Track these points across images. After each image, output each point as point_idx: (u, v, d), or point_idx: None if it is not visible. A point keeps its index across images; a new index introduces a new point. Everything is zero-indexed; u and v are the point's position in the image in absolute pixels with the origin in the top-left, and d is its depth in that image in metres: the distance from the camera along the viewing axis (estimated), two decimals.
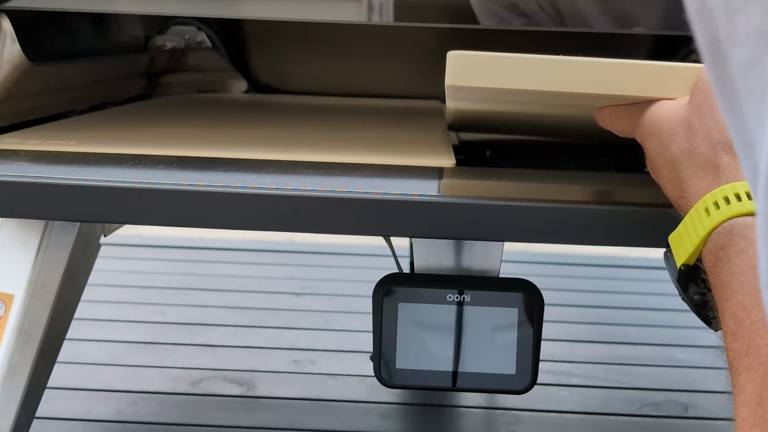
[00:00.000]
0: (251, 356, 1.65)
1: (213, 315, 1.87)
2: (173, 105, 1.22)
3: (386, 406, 1.44)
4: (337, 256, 2.36)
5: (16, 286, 0.80)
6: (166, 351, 1.66)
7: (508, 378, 0.73)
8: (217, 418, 1.39)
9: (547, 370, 1.56)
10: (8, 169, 0.65)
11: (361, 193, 0.62)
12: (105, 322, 1.80)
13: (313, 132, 0.96)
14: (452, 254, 0.77)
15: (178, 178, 0.64)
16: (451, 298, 0.73)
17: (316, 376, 1.56)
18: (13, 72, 0.83)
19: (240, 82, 1.42)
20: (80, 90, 1.05)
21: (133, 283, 2.07)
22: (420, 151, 0.82)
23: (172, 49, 1.35)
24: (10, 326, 0.80)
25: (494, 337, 0.73)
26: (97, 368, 1.58)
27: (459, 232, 0.63)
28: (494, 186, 0.66)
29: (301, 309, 1.93)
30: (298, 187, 0.63)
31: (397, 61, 1.41)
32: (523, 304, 0.72)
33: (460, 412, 1.44)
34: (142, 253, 2.34)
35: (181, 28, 1.37)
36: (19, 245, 0.80)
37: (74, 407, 1.42)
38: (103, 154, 0.73)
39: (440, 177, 0.69)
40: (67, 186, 0.63)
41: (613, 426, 1.41)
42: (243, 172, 0.68)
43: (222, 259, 2.31)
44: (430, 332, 0.73)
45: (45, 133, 0.84)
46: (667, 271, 0.60)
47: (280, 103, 1.31)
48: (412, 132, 0.97)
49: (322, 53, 1.41)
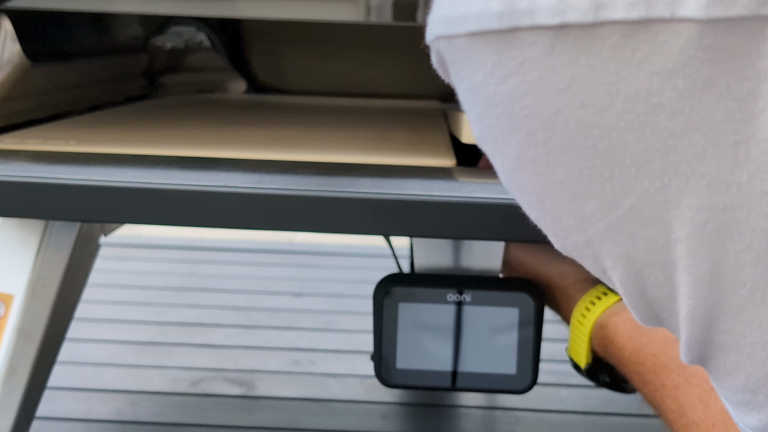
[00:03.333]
0: (251, 356, 1.65)
1: (213, 315, 1.87)
2: (173, 105, 1.22)
3: (386, 406, 1.44)
4: (337, 256, 2.36)
5: (16, 286, 0.80)
6: (166, 351, 1.66)
7: (508, 378, 0.73)
8: (216, 418, 1.39)
9: (548, 370, 1.56)
10: (8, 169, 0.65)
11: (361, 193, 0.62)
12: (105, 322, 1.80)
13: (313, 132, 0.95)
14: (452, 254, 0.77)
15: (178, 178, 0.64)
16: (451, 298, 0.73)
17: (316, 377, 1.56)
18: (13, 72, 0.83)
19: (240, 82, 1.42)
20: (80, 90, 1.05)
21: (132, 284, 2.07)
22: (420, 151, 0.82)
23: (171, 49, 1.35)
24: (10, 326, 0.80)
25: (494, 337, 0.73)
26: (97, 368, 1.58)
27: (459, 232, 0.63)
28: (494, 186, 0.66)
29: (300, 309, 1.93)
30: (298, 187, 0.63)
31: (397, 61, 1.41)
32: (523, 303, 0.72)
33: (460, 412, 1.44)
34: (142, 253, 2.34)
35: (181, 29, 1.37)
36: (19, 245, 0.80)
37: (74, 407, 1.42)
38: (103, 154, 0.73)
39: (440, 177, 0.69)
40: (67, 186, 0.63)
41: (613, 426, 1.41)
42: (243, 172, 0.68)
43: (222, 260, 2.31)
44: (431, 332, 0.73)
45: (45, 133, 0.84)
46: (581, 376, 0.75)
47: (280, 103, 1.31)
48: (412, 132, 0.97)
49: (322, 53, 1.41)
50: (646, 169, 0.27)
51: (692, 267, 0.28)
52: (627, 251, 0.30)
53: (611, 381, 0.72)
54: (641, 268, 0.30)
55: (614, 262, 0.31)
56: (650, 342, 0.63)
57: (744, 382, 0.31)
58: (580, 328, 0.72)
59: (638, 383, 0.64)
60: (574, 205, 0.30)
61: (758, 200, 0.26)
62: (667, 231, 0.28)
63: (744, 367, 0.30)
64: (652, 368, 0.62)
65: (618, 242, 0.29)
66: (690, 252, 0.28)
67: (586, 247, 0.31)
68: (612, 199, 0.28)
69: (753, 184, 0.26)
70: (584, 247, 0.31)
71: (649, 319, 0.33)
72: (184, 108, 1.20)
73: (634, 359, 0.64)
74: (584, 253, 0.32)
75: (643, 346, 0.64)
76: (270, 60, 1.43)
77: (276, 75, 1.44)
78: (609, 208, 0.29)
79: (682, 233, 0.28)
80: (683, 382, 0.58)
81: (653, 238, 0.29)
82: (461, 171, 0.71)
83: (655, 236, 0.29)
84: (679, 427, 0.57)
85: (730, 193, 0.26)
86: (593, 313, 0.70)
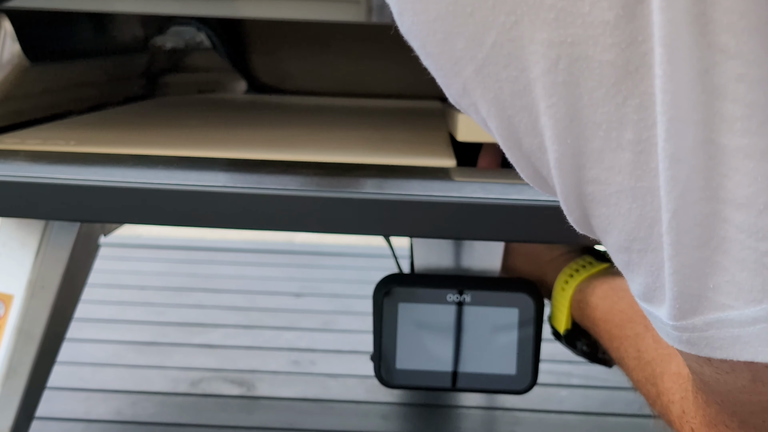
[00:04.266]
0: (251, 357, 1.65)
1: (213, 315, 1.87)
2: (173, 105, 1.22)
3: (386, 406, 1.44)
4: (337, 256, 2.36)
5: (16, 286, 0.80)
6: (166, 351, 1.66)
7: (508, 378, 0.73)
8: (216, 419, 1.39)
9: (548, 371, 1.56)
10: (8, 169, 0.65)
11: (361, 193, 0.62)
12: (104, 323, 1.80)
13: (313, 132, 0.95)
14: (452, 254, 0.77)
15: (178, 178, 0.64)
16: (451, 298, 0.73)
17: (316, 377, 1.56)
18: (13, 72, 0.83)
19: (240, 82, 1.42)
20: (80, 90, 1.05)
21: (132, 284, 2.07)
22: (420, 151, 0.82)
23: (171, 49, 1.35)
24: (10, 326, 0.80)
25: (494, 338, 0.73)
26: (97, 368, 1.58)
27: (459, 232, 0.63)
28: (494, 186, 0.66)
29: (300, 310, 1.93)
30: (298, 187, 0.63)
31: (397, 61, 1.41)
32: (523, 304, 0.72)
33: (460, 413, 1.44)
34: (142, 253, 2.34)
35: (181, 29, 1.37)
36: (19, 245, 0.80)
37: (74, 407, 1.42)
38: (103, 154, 0.73)
39: (440, 177, 0.69)
40: (67, 186, 0.63)
41: (613, 426, 1.41)
42: (243, 172, 0.68)
43: (222, 260, 2.31)
44: (430, 332, 0.73)
45: (45, 133, 0.84)
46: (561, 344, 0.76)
47: (280, 103, 1.31)
48: (412, 132, 0.97)
49: (322, 53, 1.41)
50: (501, 2, 0.28)
51: (551, 108, 0.29)
52: (496, 96, 0.30)
53: (589, 350, 0.73)
54: (511, 114, 0.30)
55: (488, 110, 0.31)
56: (621, 300, 0.64)
57: (617, 239, 0.31)
58: (562, 294, 0.73)
59: (607, 341, 0.65)
60: (447, 45, 0.30)
61: (601, 31, 0.27)
62: (526, 70, 0.29)
63: (614, 221, 0.30)
64: (618, 323, 0.63)
65: (487, 86, 0.30)
66: (547, 92, 0.29)
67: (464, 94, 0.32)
68: (476, 36, 0.29)
69: (594, 14, 0.27)
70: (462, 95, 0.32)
71: (533, 179, 0.34)
72: (184, 108, 1.20)
73: (605, 317, 0.65)
74: (465, 103, 0.32)
75: (614, 304, 0.65)
76: (270, 60, 1.43)
77: (276, 75, 1.44)
78: (474, 46, 0.29)
79: (538, 71, 0.28)
80: (643, 329, 0.59)
81: (515, 79, 0.29)
82: (461, 171, 0.71)
83: (516, 77, 0.29)
84: (637, 371, 0.58)
85: (575, 25, 0.27)
86: (575, 280, 0.72)
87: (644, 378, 0.56)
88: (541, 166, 0.32)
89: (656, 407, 0.54)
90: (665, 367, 0.52)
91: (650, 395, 0.55)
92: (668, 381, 0.51)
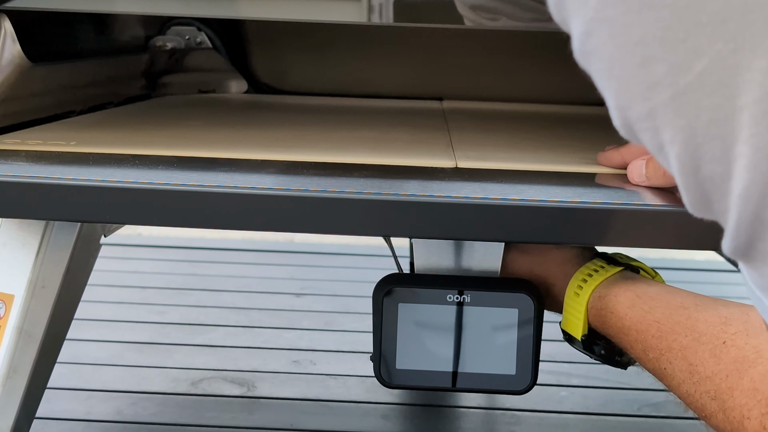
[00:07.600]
0: (251, 356, 1.65)
1: (213, 315, 1.87)
2: (173, 105, 1.22)
3: (386, 406, 1.44)
4: (337, 256, 2.36)
5: (16, 286, 0.81)
6: (166, 351, 1.66)
7: (508, 378, 0.73)
8: (217, 419, 1.39)
9: (547, 371, 1.56)
10: (8, 169, 0.65)
11: (361, 193, 0.62)
12: (105, 323, 1.80)
13: (313, 132, 0.95)
14: (452, 254, 0.77)
15: (178, 178, 0.64)
16: (451, 298, 0.73)
17: (316, 377, 1.56)
18: (13, 72, 0.83)
19: (240, 82, 1.42)
20: (80, 90, 1.05)
21: (133, 284, 2.07)
22: (421, 151, 0.82)
23: (172, 49, 1.35)
24: (10, 326, 0.80)
25: (494, 338, 0.73)
26: (97, 368, 1.58)
27: (459, 232, 0.63)
28: (494, 186, 0.66)
29: (301, 309, 1.93)
30: (298, 187, 0.63)
31: (397, 61, 1.41)
32: (523, 304, 0.72)
33: (460, 413, 1.44)
34: (142, 253, 2.34)
35: (181, 29, 1.37)
36: (19, 245, 0.81)
37: (74, 407, 1.42)
38: (103, 154, 0.73)
39: (441, 177, 0.69)
40: (67, 186, 0.63)
41: (613, 426, 1.41)
42: (243, 172, 0.68)
43: (222, 260, 2.31)
44: (430, 332, 0.73)
45: (45, 133, 0.84)
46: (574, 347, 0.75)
47: (280, 103, 1.31)
48: (413, 132, 0.97)
49: (322, 53, 1.41)
50: (722, 29, 0.27)
51: (755, 137, 0.28)
52: (689, 122, 0.30)
53: (606, 353, 0.73)
54: (701, 141, 0.30)
55: (674, 135, 0.31)
56: (653, 309, 0.63)
57: None
58: (576, 299, 0.72)
59: (639, 351, 0.64)
60: (644, 70, 0.30)
61: None
62: (734, 98, 0.28)
63: None
64: (656, 334, 0.61)
65: (682, 112, 0.30)
66: (754, 120, 0.28)
67: (648, 118, 0.31)
68: (683, 62, 0.28)
69: None
70: (646, 118, 0.31)
71: (698, 203, 0.33)
72: (184, 108, 1.20)
73: (637, 327, 0.64)
74: (644, 126, 0.32)
75: (645, 313, 0.63)
76: (270, 60, 1.43)
77: (276, 75, 1.44)
78: (678, 73, 0.29)
79: (750, 99, 0.28)
80: (692, 342, 0.57)
81: (718, 107, 0.29)
82: (461, 171, 0.71)
83: (720, 105, 0.29)
84: (690, 385, 0.57)
85: None
86: (590, 285, 0.71)
87: (702, 392, 0.55)
88: (714, 191, 0.31)
89: (714, 421, 0.53)
90: (734, 382, 0.51)
91: (707, 409, 0.54)
92: (740, 397, 0.50)
